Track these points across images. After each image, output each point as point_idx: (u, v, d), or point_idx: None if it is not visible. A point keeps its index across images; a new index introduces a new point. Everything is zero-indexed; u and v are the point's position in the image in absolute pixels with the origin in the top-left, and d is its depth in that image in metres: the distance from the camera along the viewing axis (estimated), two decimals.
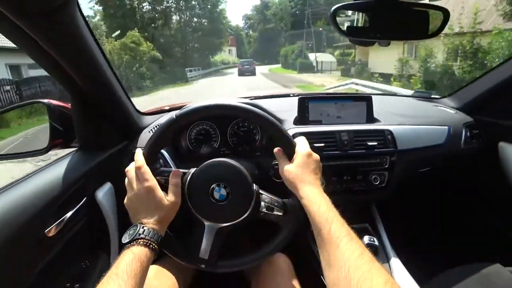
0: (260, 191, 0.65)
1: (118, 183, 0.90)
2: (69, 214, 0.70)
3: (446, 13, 0.74)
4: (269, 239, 0.66)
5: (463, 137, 1.13)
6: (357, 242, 0.48)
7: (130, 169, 0.64)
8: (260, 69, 27.93)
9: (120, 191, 0.90)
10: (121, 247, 0.85)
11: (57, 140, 0.84)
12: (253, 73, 22.40)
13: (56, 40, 0.59)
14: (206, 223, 0.64)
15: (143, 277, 0.53)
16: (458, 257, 1.08)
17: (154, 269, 0.79)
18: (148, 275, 0.74)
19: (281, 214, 0.64)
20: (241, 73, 22.33)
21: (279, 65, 34.74)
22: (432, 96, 1.43)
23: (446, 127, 1.11)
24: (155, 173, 0.63)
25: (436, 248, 1.39)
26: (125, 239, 0.56)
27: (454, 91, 1.37)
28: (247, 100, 0.94)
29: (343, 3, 0.72)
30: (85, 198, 0.77)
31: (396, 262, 0.90)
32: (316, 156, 0.64)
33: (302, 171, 0.61)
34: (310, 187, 0.59)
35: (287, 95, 1.29)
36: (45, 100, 0.83)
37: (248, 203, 0.63)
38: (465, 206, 1.40)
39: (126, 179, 0.63)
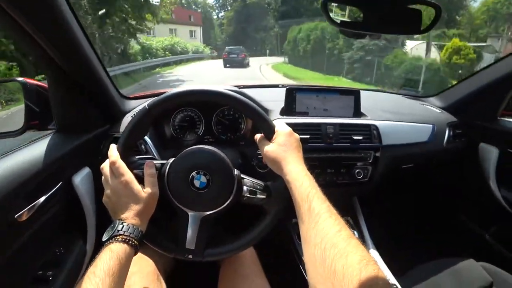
0: (242, 176, 0.64)
1: (97, 168, 0.87)
2: (42, 198, 0.67)
3: (438, 9, 0.73)
4: (255, 225, 0.66)
5: (446, 136, 1.15)
6: (336, 219, 0.47)
7: (105, 166, 0.62)
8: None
9: (98, 176, 0.86)
10: (98, 234, 0.83)
11: (33, 121, 0.79)
12: (242, 65, 16.15)
13: (29, 11, 0.55)
14: (190, 212, 0.63)
15: (123, 274, 0.51)
16: (434, 252, 1.10)
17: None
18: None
19: (264, 197, 0.64)
20: (226, 64, 16.35)
21: (281, 60, 21.24)
22: (419, 94, 1.43)
23: (431, 125, 1.12)
24: (131, 166, 0.61)
25: (414, 243, 1.42)
26: (104, 237, 0.54)
27: (440, 91, 1.38)
28: (234, 88, 0.91)
29: None
30: (60, 183, 0.73)
31: (374, 255, 0.92)
32: (296, 135, 0.64)
33: (284, 149, 0.60)
34: (294, 164, 0.58)
35: (276, 86, 1.27)
36: (20, 79, 0.78)
37: (230, 189, 0.62)
38: (444, 204, 1.44)
39: (103, 177, 0.61)
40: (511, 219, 1.10)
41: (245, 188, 0.63)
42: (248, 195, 0.63)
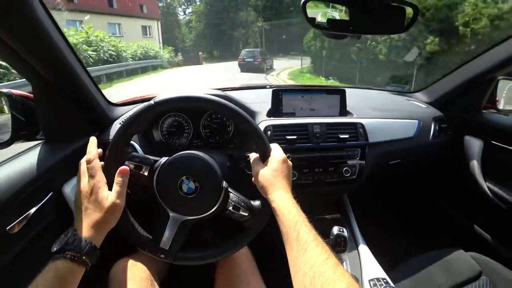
0: (229, 189, 0.66)
1: None
2: (33, 209, 0.67)
3: (416, 9, 0.74)
4: (232, 237, 0.68)
5: (432, 131, 1.17)
6: (323, 248, 0.50)
7: (82, 162, 0.62)
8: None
9: None
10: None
11: (20, 132, 0.78)
12: (259, 69, 14.71)
13: (11, 26, 0.56)
14: (171, 213, 0.64)
15: None
16: (424, 245, 1.12)
17: (125, 262, 0.79)
18: (120, 267, 0.75)
19: (246, 214, 0.66)
20: (242, 69, 14.96)
21: (296, 64, 16.43)
22: (406, 90, 1.45)
23: (417, 120, 1.14)
24: (125, 157, 0.64)
25: (404, 237, 1.44)
26: (53, 248, 0.52)
27: (426, 86, 1.40)
28: (219, 92, 0.91)
29: None
30: (51, 193, 0.73)
31: (365, 251, 0.93)
32: (289, 163, 0.66)
33: (275, 175, 0.62)
34: (282, 192, 0.60)
35: (262, 87, 1.27)
36: (5, 90, 0.77)
37: (216, 198, 0.64)
38: (432, 197, 1.46)
39: (77, 173, 0.61)
40: (497, 209, 1.12)
41: (230, 201, 0.65)
42: (231, 210, 0.65)
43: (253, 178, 0.67)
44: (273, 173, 0.62)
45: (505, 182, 1.12)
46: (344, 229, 0.81)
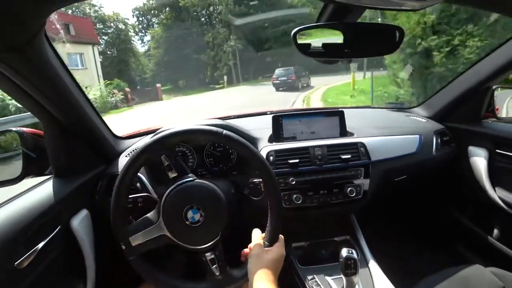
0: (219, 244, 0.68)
1: (94, 208, 0.88)
2: (41, 244, 0.68)
3: (401, 31, 0.78)
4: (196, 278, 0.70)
5: (434, 144, 1.17)
6: None
7: None
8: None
9: (96, 217, 0.87)
10: (98, 276, 0.82)
11: (30, 167, 0.81)
12: (293, 87, 14.31)
13: (25, 73, 0.61)
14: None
15: None
16: (439, 261, 1.08)
17: None
18: None
19: (217, 274, 0.68)
20: (278, 88, 14.87)
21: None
22: (404, 106, 1.47)
23: (418, 135, 1.15)
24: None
25: (416, 254, 1.39)
26: None
27: (424, 100, 1.41)
28: (220, 122, 0.94)
29: (306, 25, 0.74)
30: (59, 227, 0.75)
31: (377, 272, 0.91)
32: (281, 257, 0.65)
33: (270, 268, 0.62)
34: (260, 283, 0.59)
35: (262, 114, 1.30)
36: (17, 128, 0.82)
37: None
38: (442, 212, 1.42)
39: None
40: (510, 218, 1.09)
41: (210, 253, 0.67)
42: (208, 258, 0.67)
43: (248, 252, 0.68)
44: (270, 264, 0.62)
45: None
46: (354, 251, 0.80)
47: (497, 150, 1.13)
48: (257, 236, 0.68)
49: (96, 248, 0.86)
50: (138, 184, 0.92)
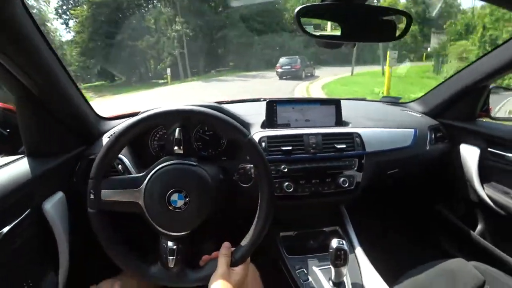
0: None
1: (71, 191, 0.82)
2: (6, 228, 0.62)
3: (409, 18, 0.74)
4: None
5: (428, 140, 1.17)
6: None
7: None
8: None
9: (73, 201, 0.82)
10: (72, 264, 0.78)
11: (1, 145, 0.74)
12: (296, 76, 14.29)
13: None
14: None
15: None
16: (425, 254, 1.09)
17: (107, 284, 0.74)
18: None
19: (171, 266, 0.63)
20: (281, 76, 14.75)
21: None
22: (400, 101, 1.46)
23: (413, 130, 1.14)
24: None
25: (403, 247, 1.41)
26: None
27: (420, 96, 1.40)
28: (213, 104, 0.89)
29: (308, 4, 0.69)
30: (28, 210, 0.68)
31: (365, 263, 0.91)
32: (237, 274, 0.61)
33: (219, 284, 0.58)
34: None
35: (256, 100, 1.26)
36: None
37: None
38: (432, 206, 1.44)
39: None
40: (497, 216, 1.11)
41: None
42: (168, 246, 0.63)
43: (210, 258, 0.65)
44: (234, 286, 0.58)
45: (504, 189, 1.11)
46: (344, 242, 0.78)
47: (489, 149, 1.14)
48: (226, 251, 0.63)
49: (71, 234, 0.81)
50: (119, 166, 0.87)
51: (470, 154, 1.18)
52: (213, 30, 20.72)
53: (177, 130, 0.64)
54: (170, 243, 0.62)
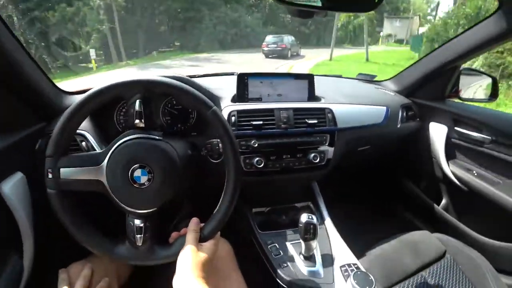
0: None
1: (31, 171, 0.77)
2: None
3: None
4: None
5: (399, 118, 1.19)
6: None
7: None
8: None
9: (34, 181, 0.76)
10: (37, 246, 0.74)
11: None
12: (281, 55, 14.48)
13: None
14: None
15: None
16: (392, 228, 1.13)
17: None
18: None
19: (139, 244, 0.61)
20: (267, 55, 14.82)
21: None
22: (375, 79, 1.46)
23: (385, 107, 1.15)
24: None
25: (372, 221, 1.46)
26: None
27: (395, 75, 1.42)
28: (180, 76, 0.85)
29: None
30: None
31: (335, 237, 0.93)
32: (207, 249, 0.59)
33: (187, 260, 0.56)
34: (190, 279, 0.53)
35: (230, 74, 1.22)
36: None
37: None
38: (400, 182, 1.49)
39: None
40: (460, 191, 1.16)
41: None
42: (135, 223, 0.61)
43: (178, 235, 0.63)
44: (202, 261, 0.55)
45: (467, 166, 1.16)
46: (314, 216, 0.79)
47: (456, 128, 1.18)
48: (194, 226, 0.61)
49: (34, 217, 0.76)
50: (83, 144, 0.82)
51: (438, 132, 1.22)
52: (154, 2, 16.79)
53: (137, 102, 0.60)
54: (137, 221, 0.59)
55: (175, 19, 18.17)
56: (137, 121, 0.60)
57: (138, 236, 0.59)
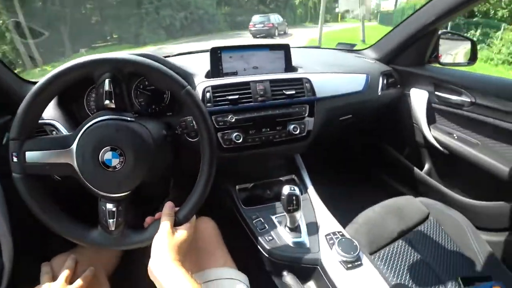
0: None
1: (1, 166, 0.73)
2: None
3: None
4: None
5: (380, 85, 1.18)
6: None
7: None
8: None
9: (4, 175, 0.72)
10: (16, 242, 0.71)
11: None
12: (269, 34, 14.35)
13: None
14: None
15: None
16: (377, 195, 1.15)
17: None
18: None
19: (112, 229, 0.59)
20: (255, 35, 14.65)
21: None
22: (354, 48, 1.44)
23: (365, 75, 1.14)
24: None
25: (357, 189, 1.49)
26: None
27: (374, 43, 1.39)
28: (151, 54, 0.81)
29: None
30: None
31: (320, 208, 0.93)
32: (182, 233, 0.58)
33: (163, 244, 0.55)
34: (167, 264, 0.52)
35: (206, 51, 1.17)
36: None
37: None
38: (383, 149, 1.50)
39: None
40: (442, 155, 1.18)
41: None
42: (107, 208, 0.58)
43: (153, 219, 0.61)
44: (178, 245, 0.55)
45: (448, 130, 1.17)
46: (296, 188, 0.78)
47: (436, 92, 1.18)
48: (169, 210, 0.60)
49: (10, 211, 0.73)
50: (54, 133, 0.78)
51: (419, 98, 1.22)
52: None
53: (107, 81, 0.56)
54: (109, 205, 0.57)
55: (107, 7, 14.50)
56: (107, 101, 0.57)
57: (111, 220, 0.57)
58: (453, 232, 1.02)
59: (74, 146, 0.55)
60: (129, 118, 0.58)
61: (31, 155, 0.55)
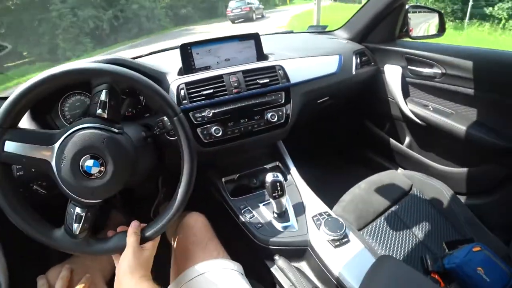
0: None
1: None
2: None
3: None
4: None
5: (353, 64, 1.19)
6: None
7: None
8: None
9: None
10: (10, 255, 0.70)
11: None
12: (248, 18, 14.07)
13: None
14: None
15: None
16: (360, 173, 1.17)
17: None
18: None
19: (76, 233, 0.58)
20: (233, 21, 14.33)
21: None
22: (326, 29, 1.44)
23: (338, 55, 1.14)
24: None
25: (342, 168, 1.51)
26: None
27: (345, 23, 1.40)
28: (129, 60, 0.79)
29: None
30: None
31: (306, 191, 0.96)
32: (147, 250, 0.60)
33: (129, 261, 0.56)
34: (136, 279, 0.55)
35: (174, 48, 1.15)
36: None
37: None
38: (364, 127, 1.53)
39: None
40: (419, 127, 1.21)
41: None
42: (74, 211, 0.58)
43: (114, 233, 0.62)
44: (144, 262, 0.57)
45: (423, 102, 1.20)
46: (279, 174, 0.80)
47: (409, 67, 1.20)
48: (135, 229, 0.61)
49: (3, 229, 0.71)
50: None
51: (393, 74, 1.24)
52: None
53: (104, 92, 0.56)
54: (78, 209, 0.56)
55: (3, 13, 10.28)
56: (99, 111, 0.56)
57: (76, 224, 0.57)
58: (435, 200, 1.06)
59: (57, 145, 0.54)
60: (117, 130, 0.58)
61: (10, 145, 0.53)
